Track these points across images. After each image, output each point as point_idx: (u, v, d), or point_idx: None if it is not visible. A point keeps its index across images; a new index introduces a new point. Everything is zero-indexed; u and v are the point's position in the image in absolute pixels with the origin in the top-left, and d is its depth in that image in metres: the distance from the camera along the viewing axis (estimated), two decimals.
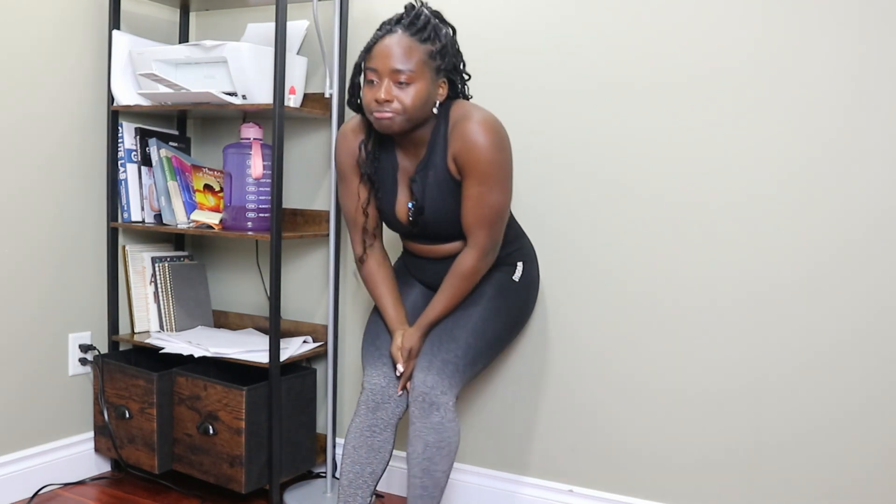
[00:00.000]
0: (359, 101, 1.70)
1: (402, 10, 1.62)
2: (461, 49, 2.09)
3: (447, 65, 1.63)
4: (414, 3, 1.64)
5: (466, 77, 1.72)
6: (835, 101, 1.71)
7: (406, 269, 1.90)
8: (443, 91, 1.65)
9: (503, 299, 1.76)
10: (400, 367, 1.70)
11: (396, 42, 1.56)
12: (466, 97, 1.74)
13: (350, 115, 2.20)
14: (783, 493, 1.81)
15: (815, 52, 1.72)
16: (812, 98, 1.73)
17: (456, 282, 1.69)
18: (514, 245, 1.82)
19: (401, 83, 1.56)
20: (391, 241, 2.13)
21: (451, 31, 1.66)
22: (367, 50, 1.60)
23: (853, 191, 1.71)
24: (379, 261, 1.80)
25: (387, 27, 1.59)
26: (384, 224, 1.82)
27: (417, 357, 1.71)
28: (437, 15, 1.64)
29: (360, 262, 1.80)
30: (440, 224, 1.70)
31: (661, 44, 1.87)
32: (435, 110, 1.64)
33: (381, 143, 1.73)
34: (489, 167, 1.59)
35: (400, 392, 1.72)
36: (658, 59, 1.87)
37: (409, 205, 1.71)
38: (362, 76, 1.62)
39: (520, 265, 1.81)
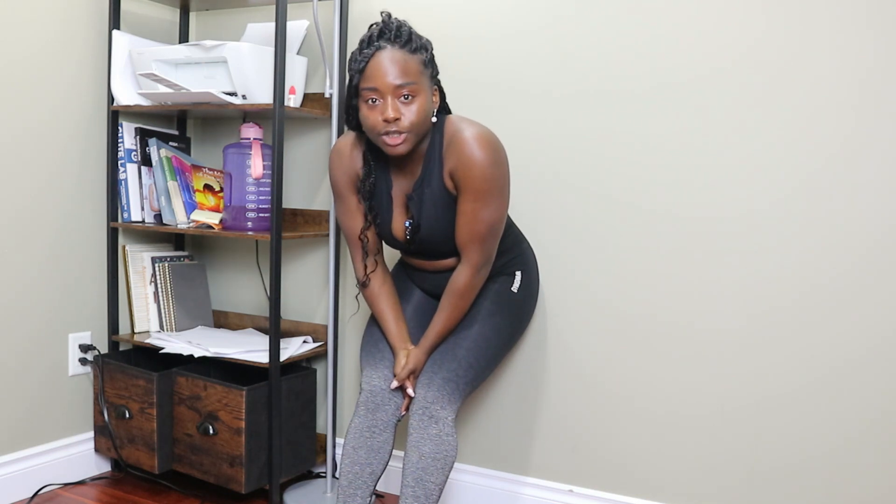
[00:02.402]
0: (356, 122, 1.64)
1: (376, 25, 1.57)
2: (456, 59, 2.10)
3: (435, 72, 1.62)
4: (388, 15, 1.58)
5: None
6: (841, 108, 1.70)
7: (405, 274, 1.90)
8: (436, 99, 1.63)
9: (502, 315, 1.76)
10: (410, 391, 1.70)
11: (390, 58, 1.52)
12: (449, 109, 1.73)
13: None
14: (783, 492, 1.81)
15: (821, 55, 1.72)
16: (817, 104, 1.72)
17: (453, 300, 1.69)
18: (512, 252, 1.82)
19: (404, 98, 1.53)
20: (390, 249, 2.12)
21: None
22: (360, 71, 1.54)
23: (860, 204, 1.70)
24: (381, 279, 1.80)
25: (374, 44, 1.54)
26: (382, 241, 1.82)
27: (419, 375, 1.72)
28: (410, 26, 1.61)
29: (363, 286, 1.79)
30: (438, 241, 1.69)
31: (662, 47, 1.87)
32: (434, 119, 1.62)
33: (374, 161, 1.71)
34: (485, 183, 1.58)
35: (403, 412, 1.72)
36: (658, 64, 1.87)
37: (407, 223, 1.71)
38: (358, 98, 1.57)
39: (518, 275, 1.81)
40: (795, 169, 1.75)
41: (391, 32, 1.54)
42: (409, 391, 1.70)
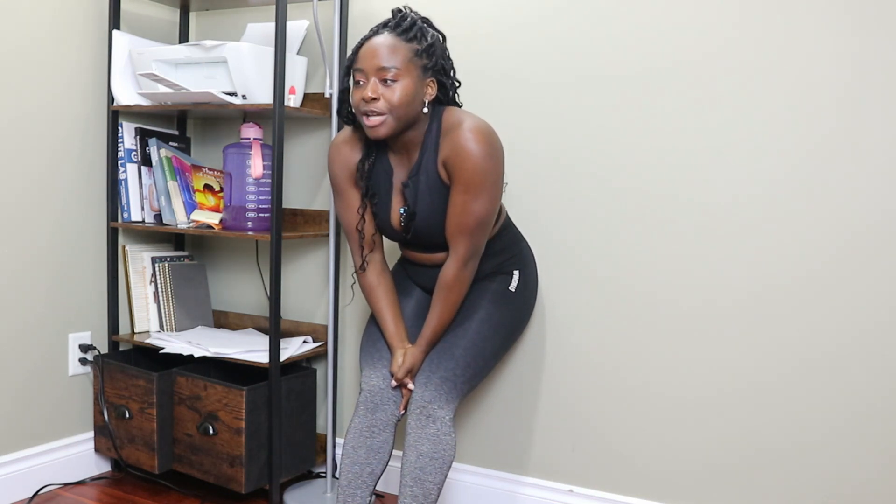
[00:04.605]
0: (349, 107, 1.70)
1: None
2: (454, 52, 2.09)
3: (434, 64, 1.63)
4: (402, 7, 1.66)
5: (457, 84, 1.72)
6: (834, 94, 1.71)
7: (405, 272, 1.90)
8: (431, 91, 1.64)
9: (500, 313, 1.76)
10: (411, 385, 1.71)
11: (381, 42, 1.58)
12: (457, 104, 1.74)
13: None
14: (783, 492, 1.81)
15: (812, 42, 1.72)
16: (810, 92, 1.73)
17: (442, 294, 1.69)
18: (510, 251, 1.82)
19: (386, 81, 1.57)
20: (390, 246, 2.12)
21: (439, 37, 1.67)
22: (354, 52, 1.62)
23: (854, 189, 1.71)
24: (379, 273, 1.80)
25: (373, 30, 1.61)
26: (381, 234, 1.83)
27: (416, 374, 1.72)
28: (425, 20, 1.66)
29: (361, 269, 1.80)
30: (432, 230, 1.70)
31: (661, 36, 1.87)
32: (425, 110, 1.63)
33: (375, 150, 1.73)
34: (477, 175, 1.59)
35: (402, 411, 1.72)
36: (658, 52, 1.87)
37: (402, 210, 1.72)
38: (350, 79, 1.64)
39: (516, 274, 1.81)
40: (794, 155, 1.76)
41: (394, 20, 1.62)
42: (410, 385, 1.71)
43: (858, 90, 1.69)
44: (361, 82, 1.60)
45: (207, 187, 2.31)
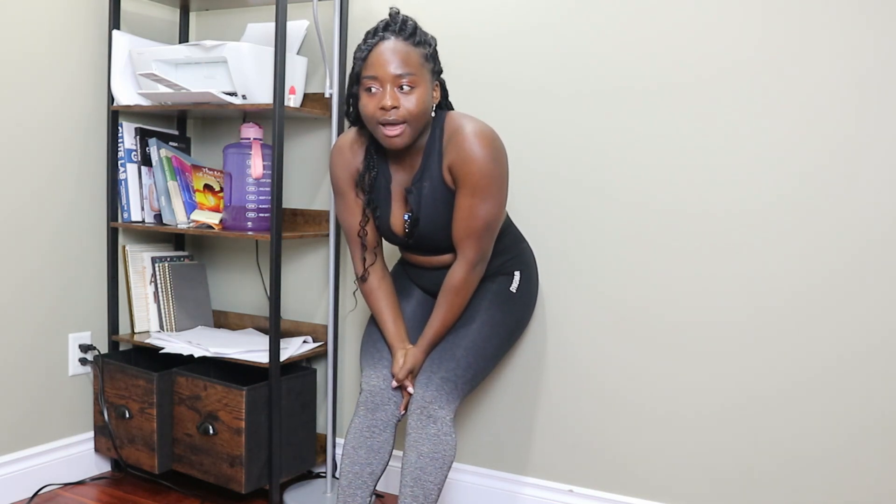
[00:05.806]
0: (356, 113, 1.67)
1: (383, 20, 1.60)
2: (457, 56, 2.10)
3: (438, 67, 1.65)
4: (397, 10, 1.62)
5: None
6: (842, 106, 1.70)
7: (404, 273, 1.90)
8: (437, 94, 1.65)
9: (501, 313, 1.76)
10: (410, 389, 1.71)
11: (392, 48, 1.55)
12: (451, 106, 1.74)
13: None
14: (781, 493, 1.81)
15: (822, 54, 1.72)
16: (819, 103, 1.72)
17: (449, 297, 1.69)
18: (511, 252, 1.82)
19: (403, 88, 1.55)
20: (389, 247, 2.12)
21: (435, 39, 1.66)
22: (363, 59, 1.58)
23: (860, 201, 1.70)
24: (379, 276, 1.80)
25: (378, 35, 1.57)
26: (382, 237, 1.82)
27: (417, 374, 1.72)
28: (416, 22, 1.64)
29: (362, 280, 1.80)
30: (436, 235, 1.70)
31: (662, 45, 1.87)
32: (432, 114, 1.64)
33: (376, 157, 1.72)
34: (483, 179, 1.59)
35: (402, 412, 1.72)
36: (659, 61, 1.87)
37: (406, 216, 1.71)
38: (359, 86, 1.60)
39: (517, 275, 1.81)
40: (795, 168, 1.75)
41: (396, 25, 1.58)
42: (409, 388, 1.71)
43: (871, 99, 1.69)
44: (374, 90, 1.56)
45: (207, 187, 2.31)
